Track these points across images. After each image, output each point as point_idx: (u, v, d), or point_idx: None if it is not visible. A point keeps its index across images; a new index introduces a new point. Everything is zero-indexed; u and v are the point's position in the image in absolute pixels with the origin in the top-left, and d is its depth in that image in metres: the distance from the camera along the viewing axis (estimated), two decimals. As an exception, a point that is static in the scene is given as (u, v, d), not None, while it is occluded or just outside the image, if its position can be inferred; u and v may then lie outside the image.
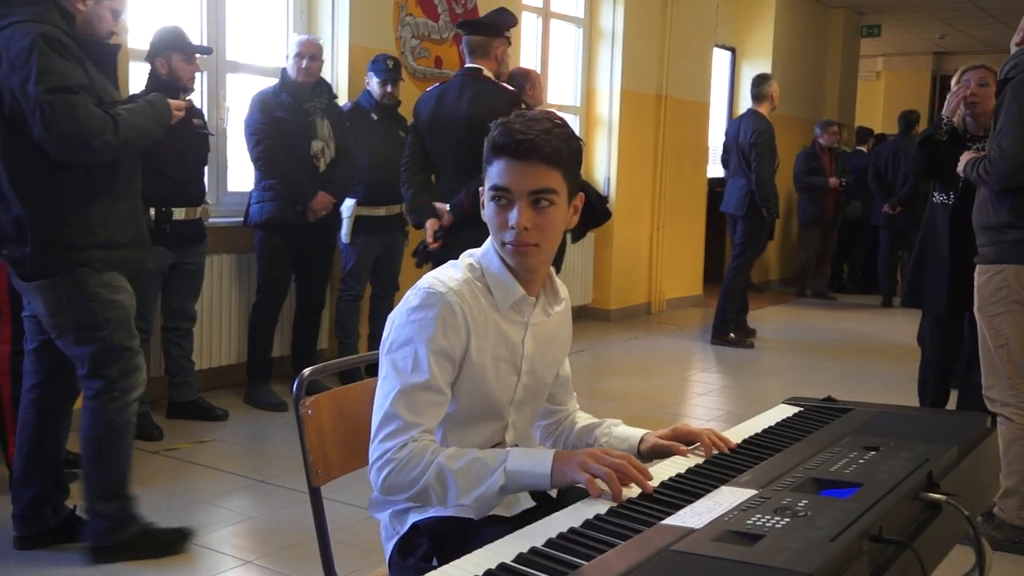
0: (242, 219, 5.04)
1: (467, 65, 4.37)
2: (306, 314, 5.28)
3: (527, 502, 1.85)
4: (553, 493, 1.83)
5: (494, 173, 1.77)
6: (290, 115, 4.88)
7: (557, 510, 1.79)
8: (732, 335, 7.37)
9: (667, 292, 8.83)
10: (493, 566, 1.30)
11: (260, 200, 4.94)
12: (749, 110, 7.37)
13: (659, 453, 1.92)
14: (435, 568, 1.72)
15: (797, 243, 10.79)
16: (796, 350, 7.31)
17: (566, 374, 2.11)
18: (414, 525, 1.79)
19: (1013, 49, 3.46)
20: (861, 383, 6.15)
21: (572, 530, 1.43)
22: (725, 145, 7.63)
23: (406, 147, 4.52)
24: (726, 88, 10.80)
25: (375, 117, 5.35)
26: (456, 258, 4.06)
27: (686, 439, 1.90)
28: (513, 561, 1.32)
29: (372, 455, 1.74)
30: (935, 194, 4.12)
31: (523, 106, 4.32)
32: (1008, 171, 3.25)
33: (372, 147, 5.28)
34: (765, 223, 7.27)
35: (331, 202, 4.97)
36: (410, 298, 1.79)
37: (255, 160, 4.92)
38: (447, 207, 4.25)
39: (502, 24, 4.42)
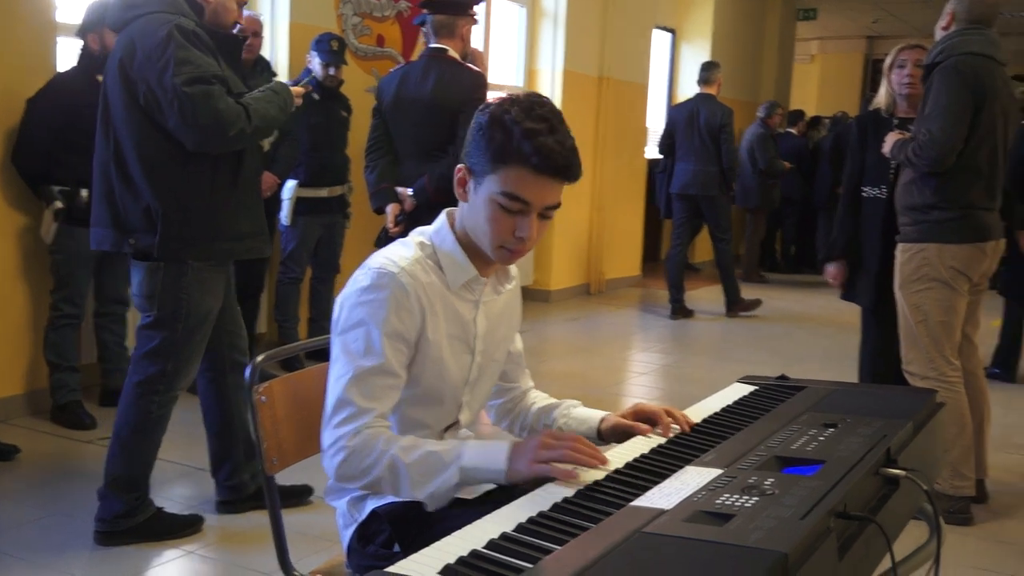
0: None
1: (431, 45, 4.24)
2: (244, 298, 5.15)
3: (489, 484, 1.82)
4: None
5: (510, 180, 1.67)
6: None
7: (520, 493, 1.78)
8: (744, 301, 7.87)
9: (607, 273, 8.86)
10: (464, 553, 1.27)
11: None
12: (702, 94, 7.53)
13: (620, 434, 1.90)
14: (397, 554, 1.71)
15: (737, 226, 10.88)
16: (735, 329, 7.38)
17: (518, 351, 2.08)
18: (373, 511, 1.75)
19: (939, 34, 3.51)
20: (800, 360, 6.23)
21: (541, 514, 1.41)
22: (668, 129, 7.75)
23: (370, 129, 4.42)
24: (666, 70, 10.83)
25: (316, 97, 5.24)
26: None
27: (647, 418, 1.89)
28: (484, 547, 1.29)
29: (325, 441, 1.69)
30: (864, 188, 4.10)
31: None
32: (938, 155, 3.30)
33: (314, 128, 5.19)
34: (731, 198, 7.68)
35: (276, 182, 4.89)
36: (360, 278, 1.74)
37: None
38: (409, 192, 4.18)
39: (468, 1, 4.30)
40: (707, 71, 7.54)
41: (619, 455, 1.72)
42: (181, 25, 2.90)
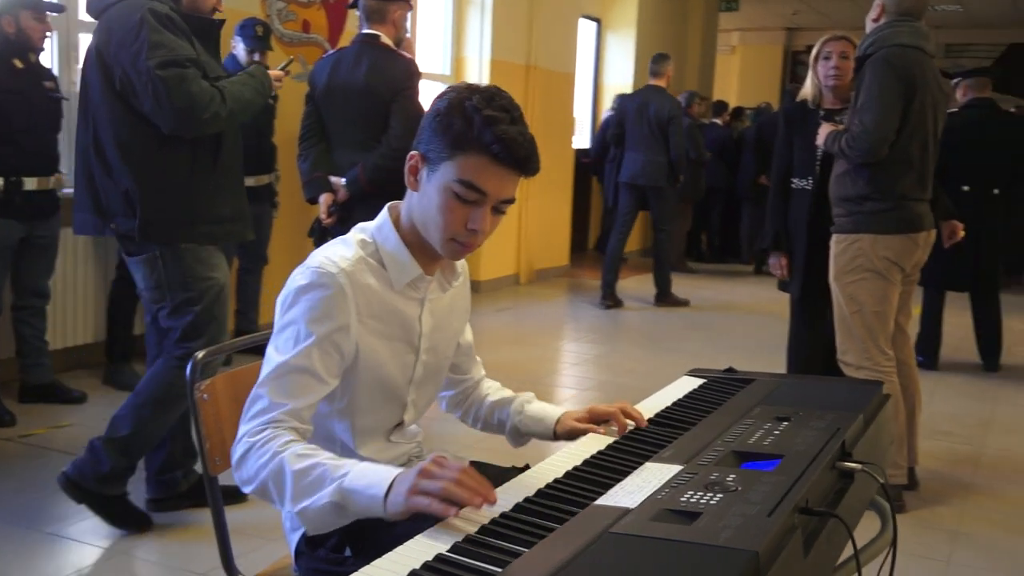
0: (100, 189, 4.76)
1: (363, 31, 4.16)
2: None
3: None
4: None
5: (469, 167, 1.60)
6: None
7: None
8: (674, 296, 7.97)
9: (536, 263, 8.86)
10: (429, 558, 1.23)
11: None
12: (652, 86, 7.63)
13: (574, 435, 1.87)
14: (348, 558, 1.66)
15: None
16: (663, 319, 7.44)
17: (468, 342, 2.03)
18: (323, 514, 1.69)
19: (870, 26, 3.55)
20: (727, 349, 6.30)
21: (504, 515, 1.37)
22: (618, 119, 7.84)
23: (303, 117, 4.32)
24: (591, 59, 10.86)
25: (240, 83, 5.12)
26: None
27: (601, 419, 1.86)
28: (450, 551, 1.25)
29: (237, 437, 1.60)
30: (794, 180, 4.15)
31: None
32: (871, 146, 3.34)
33: (239, 115, 5.06)
34: (677, 191, 7.81)
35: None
36: (297, 278, 1.66)
37: None
38: (343, 181, 4.09)
39: None
40: (657, 63, 7.65)
41: (575, 452, 1.69)
42: (154, 9, 2.91)
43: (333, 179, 4.15)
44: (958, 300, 5.93)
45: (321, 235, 4.19)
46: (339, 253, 1.69)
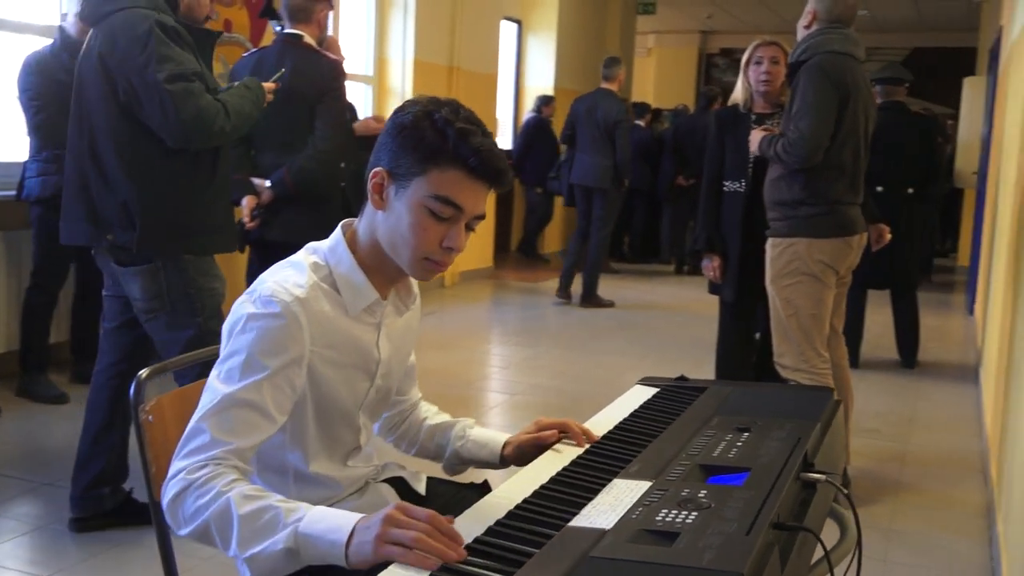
0: (13, 193, 4.57)
1: (286, 31, 4.08)
2: (86, 297, 4.86)
3: (392, 498, 1.73)
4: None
5: (445, 182, 1.54)
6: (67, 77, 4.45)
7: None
8: (600, 297, 8.02)
9: (460, 265, 8.81)
10: (407, 588, 1.19)
11: (40, 173, 4.46)
12: (602, 89, 7.78)
13: (524, 454, 1.83)
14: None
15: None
16: (589, 320, 7.46)
17: (411, 363, 1.95)
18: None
19: (801, 32, 3.59)
20: (654, 349, 6.34)
21: (478, 540, 1.34)
22: (570, 120, 7.99)
23: None
24: (513, 60, 10.86)
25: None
26: (278, 240, 3.83)
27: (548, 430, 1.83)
28: (426, 580, 1.21)
29: (169, 473, 1.47)
30: (726, 183, 4.18)
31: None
32: (808, 152, 3.38)
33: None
34: (622, 193, 7.97)
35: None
36: (247, 305, 1.56)
37: (35, 129, 4.44)
38: (267, 183, 3.99)
39: None
40: (609, 67, 7.83)
41: (539, 469, 1.66)
42: (162, 21, 2.88)
43: (256, 181, 4.05)
44: (872, 298, 6.05)
45: (243, 238, 4.09)
46: (291, 280, 1.59)
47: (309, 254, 1.67)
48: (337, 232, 1.69)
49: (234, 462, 1.48)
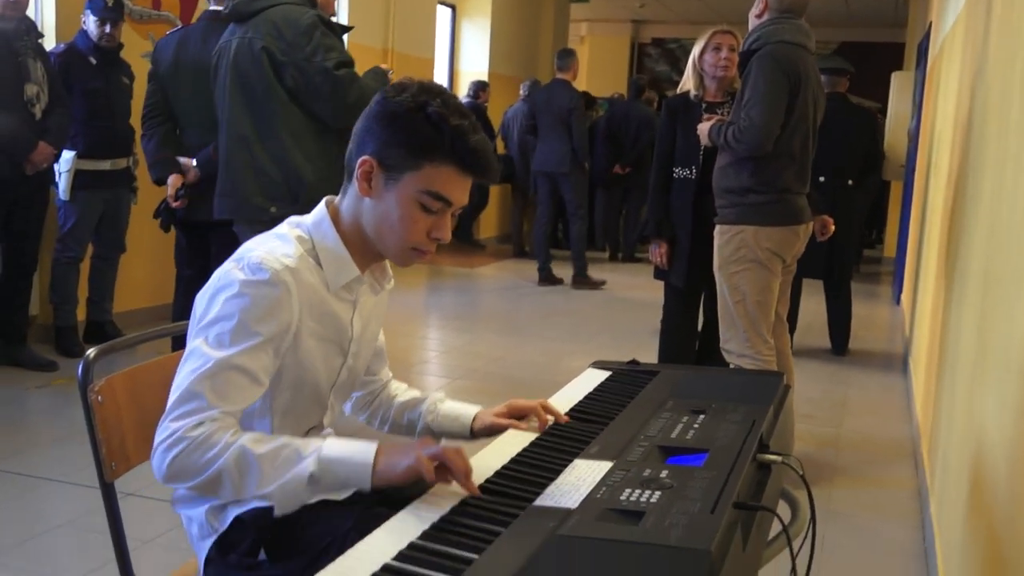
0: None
1: (211, 8, 4.02)
2: (16, 278, 4.74)
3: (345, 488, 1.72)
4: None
5: (439, 178, 1.57)
6: (-2, 55, 4.33)
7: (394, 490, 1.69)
8: (592, 277, 8.44)
9: (395, 250, 8.74)
10: (376, 568, 1.18)
11: None
12: (558, 79, 8.28)
13: (494, 431, 1.84)
14: (262, 562, 1.58)
15: (513, 203, 10.96)
16: (524, 306, 7.47)
17: (381, 343, 1.98)
18: (237, 518, 1.60)
19: (753, 22, 3.62)
20: (593, 336, 6.38)
21: (444, 519, 1.33)
22: (531, 111, 8.68)
23: (146, 95, 4.13)
24: (447, 45, 10.81)
25: (94, 61, 4.86)
26: (204, 220, 3.81)
27: (520, 414, 1.83)
28: (396, 559, 1.20)
29: (160, 435, 1.49)
30: (676, 169, 4.24)
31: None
32: (759, 140, 3.41)
33: (92, 94, 4.81)
34: (587, 176, 8.48)
35: (52, 153, 4.49)
36: (233, 271, 1.57)
37: None
38: (193, 162, 3.92)
39: None
40: (563, 59, 8.30)
41: (498, 451, 1.66)
42: (321, 16, 3.32)
43: (183, 160, 3.99)
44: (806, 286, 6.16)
45: (168, 217, 4.02)
46: (280, 249, 1.61)
47: (292, 227, 1.70)
48: (321, 208, 1.71)
49: (229, 421, 1.52)
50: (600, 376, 2.15)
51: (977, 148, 3.06)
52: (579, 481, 1.45)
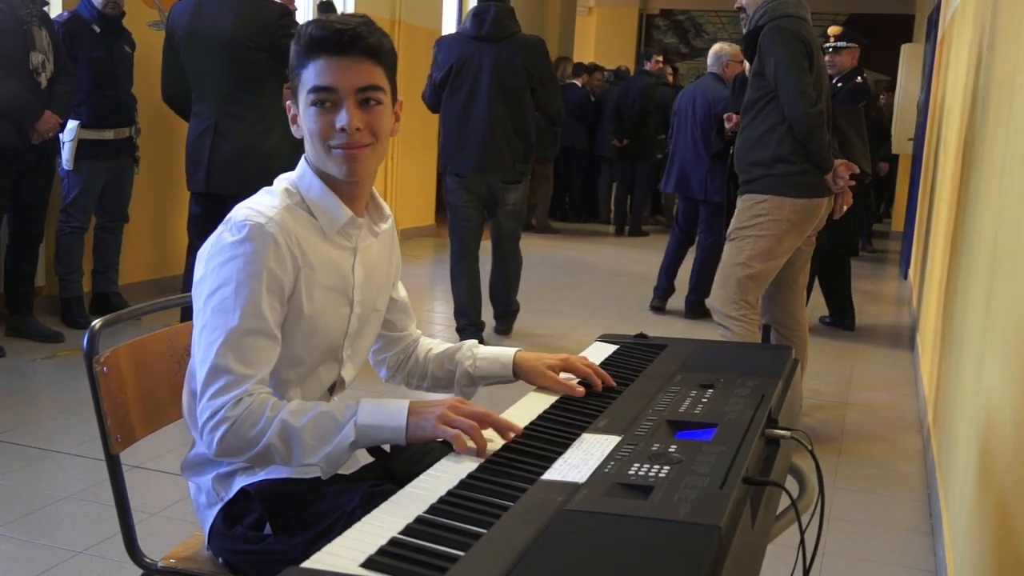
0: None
1: None
2: (21, 248, 4.73)
3: (364, 457, 1.71)
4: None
5: (311, 75, 1.59)
6: (3, 23, 4.29)
7: (394, 461, 1.68)
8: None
9: (401, 222, 8.73)
10: (384, 542, 1.17)
11: None
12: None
13: (539, 377, 1.82)
14: (268, 536, 1.58)
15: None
16: (530, 281, 7.45)
17: (402, 297, 1.98)
18: (242, 490, 1.60)
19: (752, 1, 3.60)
20: (596, 311, 6.37)
21: (451, 493, 1.32)
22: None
23: (163, 65, 4.10)
24: (454, 16, 10.73)
25: (97, 29, 4.82)
26: (230, 192, 3.76)
27: (576, 375, 1.82)
28: (403, 533, 1.19)
29: (202, 415, 1.52)
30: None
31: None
32: (805, 112, 3.40)
33: (96, 63, 4.78)
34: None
35: (58, 122, 4.47)
36: (224, 234, 1.58)
37: None
38: None
39: None
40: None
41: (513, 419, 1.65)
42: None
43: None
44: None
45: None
46: (265, 203, 1.62)
47: (280, 182, 1.70)
48: (302, 162, 1.71)
49: (261, 392, 1.54)
50: (607, 349, 2.14)
51: (986, 121, 3.03)
52: (587, 455, 1.44)
